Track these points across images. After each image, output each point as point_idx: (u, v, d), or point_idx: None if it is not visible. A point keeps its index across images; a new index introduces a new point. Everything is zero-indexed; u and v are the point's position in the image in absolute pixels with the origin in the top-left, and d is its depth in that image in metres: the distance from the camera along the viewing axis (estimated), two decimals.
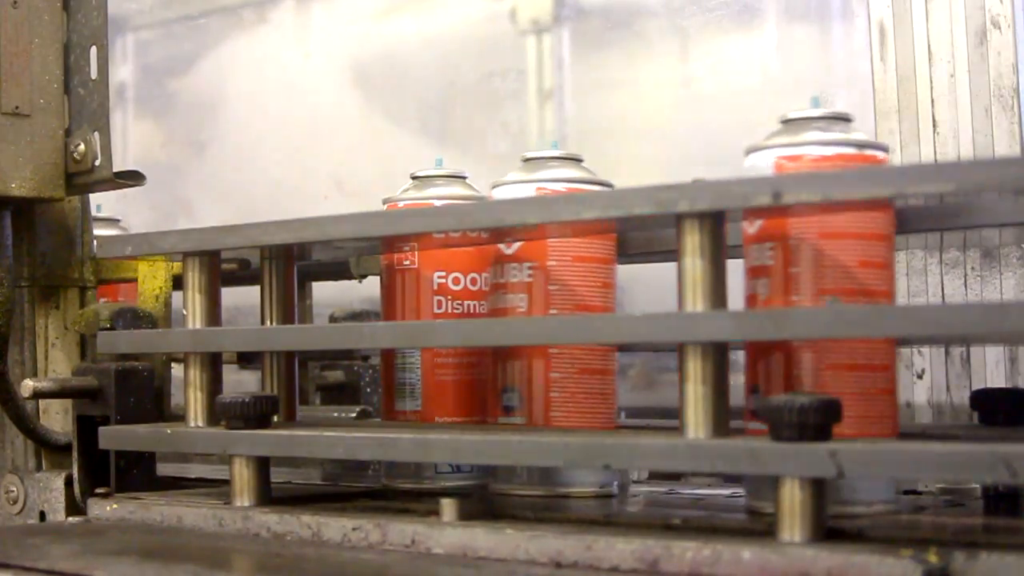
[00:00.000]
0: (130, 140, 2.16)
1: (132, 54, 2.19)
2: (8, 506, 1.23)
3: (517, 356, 1.07)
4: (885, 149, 0.92)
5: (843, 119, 0.91)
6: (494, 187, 1.09)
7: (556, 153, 1.08)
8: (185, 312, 1.09)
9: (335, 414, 1.33)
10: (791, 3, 1.53)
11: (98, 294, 1.32)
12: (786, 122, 0.92)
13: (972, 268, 1.21)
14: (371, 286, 1.24)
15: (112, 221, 1.46)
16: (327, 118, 1.93)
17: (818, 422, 0.78)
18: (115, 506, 1.11)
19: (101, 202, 1.38)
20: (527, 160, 1.09)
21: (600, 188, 1.06)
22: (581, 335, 0.92)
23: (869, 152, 0.90)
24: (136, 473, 1.16)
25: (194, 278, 1.08)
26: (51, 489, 1.20)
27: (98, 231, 1.34)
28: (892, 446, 0.77)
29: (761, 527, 0.83)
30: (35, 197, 1.22)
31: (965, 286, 1.21)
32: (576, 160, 1.08)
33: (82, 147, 1.22)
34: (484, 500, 0.94)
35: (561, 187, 1.05)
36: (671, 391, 1.00)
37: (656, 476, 1.21)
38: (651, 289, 1.48)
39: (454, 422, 1.13)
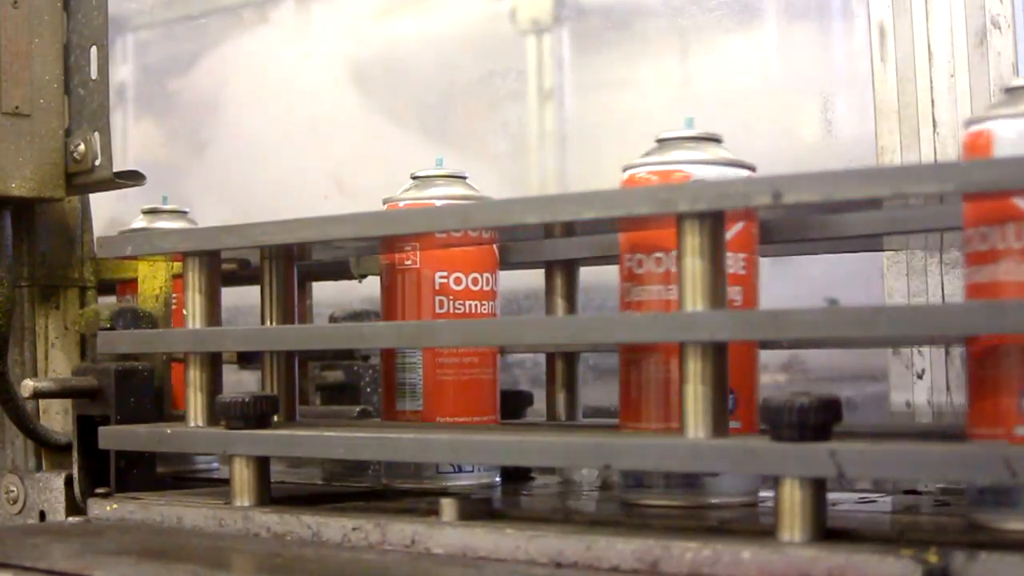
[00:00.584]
0: (130, 140, 2.16)
1: (132, 54, 2.19)
2: (8, 506, 1.23)
3: None
4: None
5: None
6: (625, 170, 0.98)
7: (691, 133, 0.98)
8: (185, 312, 1.09)
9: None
10: (791, 3, 1.53)
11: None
12: (1010, 91, 0.86)
13: None
14: (371, 286, 1.24)
15: (179, 213, 1.32)
16: (327, 118, 1.93)
17: (818, 422, 0.78)
18: (115, 506, 1.11)
19: (101, 201, 1.38)
20: (661, 141, 0.98)
21: (744, 171, 0.97)
22: (581, 335, 0.92)
23: None
24: (136, 473, 1.16)
25: (194, 278, 1.08)
26: (51, 489, 1.20)
27: (166, 223, 1.28)
28: (892, 446, 0.77)
29: (761, 527, 0.83)
30: (35, 197, 1.23)
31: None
32: (714, 140, 0.98)
33: (82, 147, 1.22)
34: (484, 500, 0.94)
35: (699, 170, 0.95)
36: None
37: None
38: None
39: (456, 422, 1.13)
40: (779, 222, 1.03)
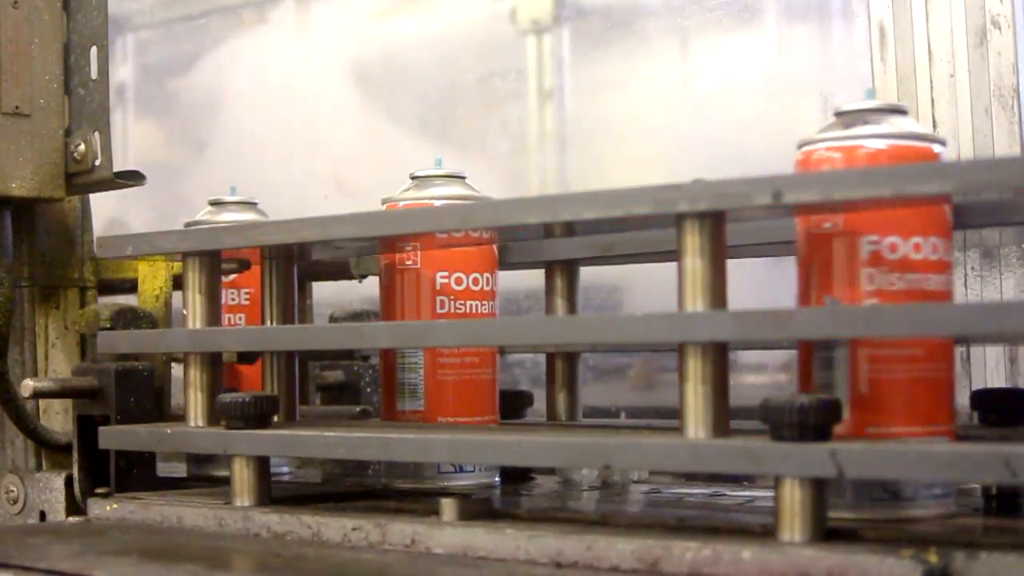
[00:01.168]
0: (130, 140, 2.16)
1: (132, 54, 2.19)
2: (8, 506, 1.23)
3: None
4: None
5: None
6: (801, 146, 0.91)
7: (873, 104, 0.89)
8: (185, 312, 1.09)
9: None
10: (791, 3, 1.53)
11: None
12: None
13: (972, 268, 1.21)
14: (371, 286, 1.24)
15: (248, 204, 1.26)
16: (327, 118, 1.93)
17: (818, 422, 0.78)
18: (115, 506, 1.11)
19: (101, 201, 1.37)
20: (841, 114, 0.90)
21: (936, 145, 0.89)
22: (581, 335, 0.92)
23: None
24: (136, 473, 1.16)
25: (194, 278, 1.08)
26: (51, 489, 1.20)
27: (233, 215, 1.23)
28: (892, 446, 0.77)
29: (761, 527, 0.83)
30: (35, 197, 1.23)
31: (965, 286, 1.21)
32: (899, 111, 0.89)
33: (82, 147, 1.22)
34: (484, 500, 0.94)
35: (883, 144, 0.87)
36: (671, 391, 1.00)
37: None
38: (651, 289, 1.48)
39: (457, 422, 1.13)
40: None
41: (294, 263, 1.15)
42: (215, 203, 1.26)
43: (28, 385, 1.16)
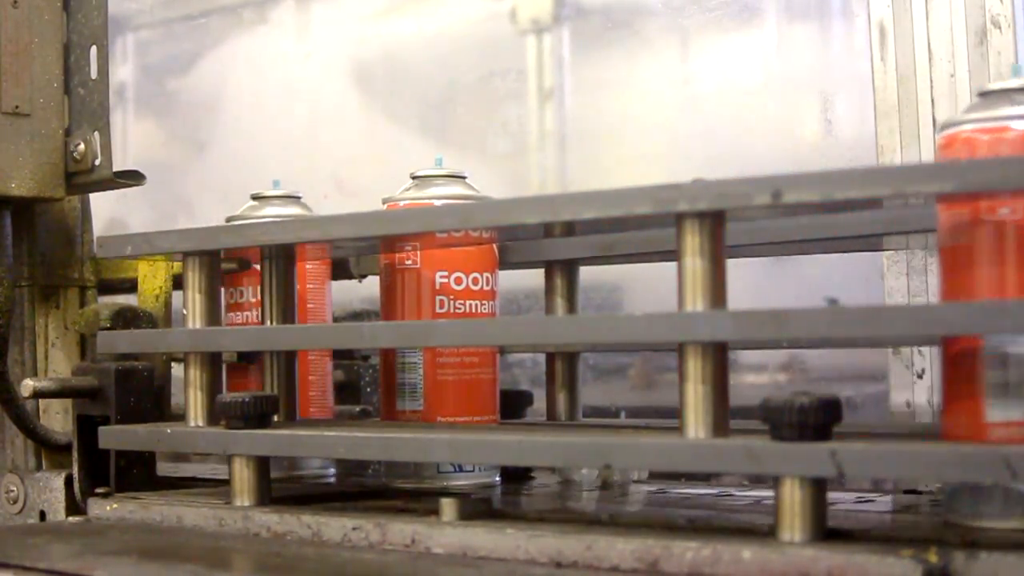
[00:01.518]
0: (130, 140, 2.16)
1: (132, 54, 2.19)
2: (8, 506, 1.23)
3: None
4: None
5: None
6: (944, 128, 0.86)
7: (1019, 83, 0.84)
8: (185, 312, 1.09)
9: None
10: (791, 3, 1.53)
11: None
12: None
13: None
14: (371, 286, 1.24)
15: (292, 198, 1.21)
16: (327, 118, 1.93)
17: (818, 422, 0.78)
18: (115, 506, 1.11)
19: (101, 201, 1.37)
20: (984, 94, 0.85)
21: None
22: (581, 335, 0.92)
23: None
24: (136, 473, 1.16)
25: (194, 278, 1.08)
26: (51, 489, 1.20)
27: (276, 209, 1.20)
28: (892, 446, 0.77)
29: (761, 527, 0.83)
30: (35, 197, 1.23)
31: None
32: None
33: (82, 147, 1.22)
34: (484, 500, 0.94)
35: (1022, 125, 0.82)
36: (671, 391, 1.00)
37: None
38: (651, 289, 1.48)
39: (457, 422, 1.13)
40: None
41: (294, 263, 1.15)
42: (256, 197, 1.22)
43: (28, 385, 1.16)
